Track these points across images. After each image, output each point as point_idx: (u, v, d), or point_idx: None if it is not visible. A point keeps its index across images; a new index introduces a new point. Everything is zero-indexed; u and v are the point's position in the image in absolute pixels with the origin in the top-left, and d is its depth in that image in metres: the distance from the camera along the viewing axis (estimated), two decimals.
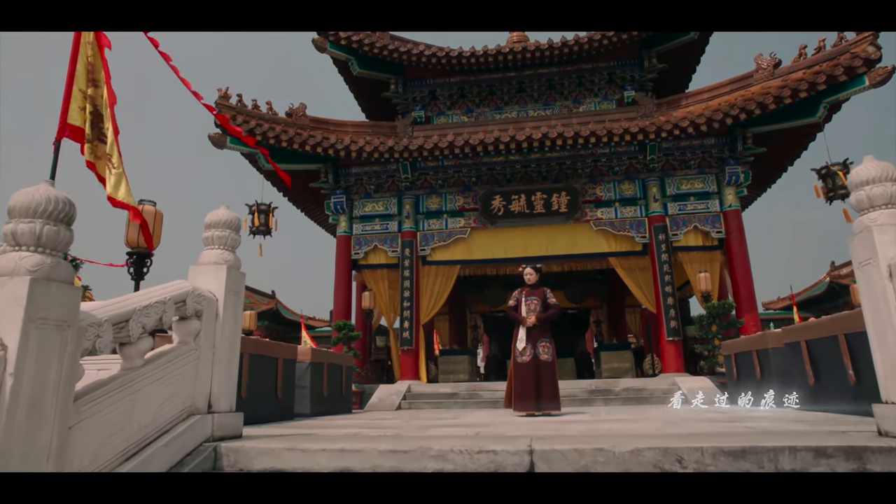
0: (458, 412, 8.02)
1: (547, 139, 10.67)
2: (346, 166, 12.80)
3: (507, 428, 4.61)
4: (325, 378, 7.91)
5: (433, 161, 12.22)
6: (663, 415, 6.00)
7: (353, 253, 12.54)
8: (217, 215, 4.00)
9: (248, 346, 5.98)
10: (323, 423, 5.69)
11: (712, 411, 6.52)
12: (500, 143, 10.89)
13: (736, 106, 10.19)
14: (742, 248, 11.04)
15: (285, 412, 6.74)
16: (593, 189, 11.87)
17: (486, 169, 12.35)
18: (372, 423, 5.72)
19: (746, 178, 11.29)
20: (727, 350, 8.18)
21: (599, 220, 11.68)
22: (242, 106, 11.97)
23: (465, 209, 12.31)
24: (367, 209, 12.76)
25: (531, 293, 6.87)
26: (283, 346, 6.87)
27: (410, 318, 11.78)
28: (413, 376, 11.50)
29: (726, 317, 9.70)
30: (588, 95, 13.00)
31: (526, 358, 6.60)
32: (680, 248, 11.35)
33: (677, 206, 11.49)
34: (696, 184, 11.57)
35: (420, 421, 5.97)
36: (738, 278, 10.92)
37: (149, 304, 3.07)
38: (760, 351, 6.96)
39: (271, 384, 6.48)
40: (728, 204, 11.29)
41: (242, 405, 5.80)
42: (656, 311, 11.14)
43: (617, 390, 9.57)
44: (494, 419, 5.95)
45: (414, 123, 13.10)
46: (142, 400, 2.98)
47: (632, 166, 11.87)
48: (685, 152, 11.63)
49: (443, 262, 12.25)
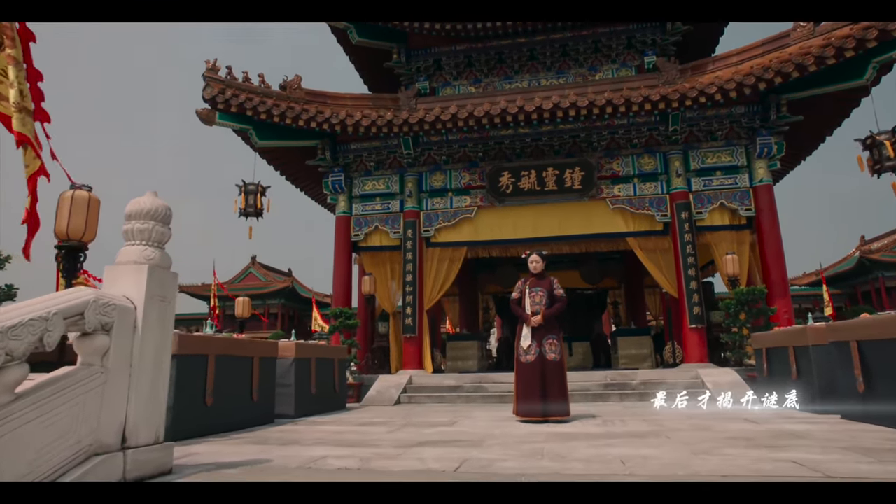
0: (458, 411, 7.34)
1: (558, 109, 9.74)
2: (344, 142, 12.01)
3: (500, 451, 3.89)
4: (313, 374, 7.27)
5: (436, 135, 11.36)
6: (688, 424, 5.23)
7: (352, 234, 11.83)
8: (139, 204, 3.27)
9: (214, 347, 5.33)
10: (297, 432, 5.03)
11: (744, 417, 5.72)
12: (507, 115, 9.99)
13: (770, 69, 9.13)
14: (774, 228, 10.07)
15: (263, 416, 6.12)
16: (610, 164, 10.92)
17: (494, 143, 11.46)
18: (353, 433, 5.04)
19: (779, 150, 10.25)
20: (758, 343, 7.33)
21: (616, 198, 10.77)
22: (232, 79, 11.17)
23: (471, 187, 11.48)
24: (367, 188, 11.99)
25: (536, 284, 6.10)
26: (260, 343, 6.22)
27: (413, 304, 11.08)
28: (416, 365, 10.85)
29: (756, 304, 8.81)
30: (605, 62, 11.94)
31: (531, 357, 5.87)
32: (704, 227, 10.41)
33: (702, 182, 10.51)
34: (723, 157, 10.56)
35: (409, 431, 5.29)
36: (768, 261, 9.97)
37: (18, 322, 2.37)
38: (799, 348, 6.11)
39: (245, 387, 5.84)
40: (758, 178, 10.28)
41: (205, 414, 5.18)
42: (678, 296, 10.27)
43: (634, 384, 8.80)
44: (494, 429, 5.24)
45: (418, 95, 12.22)
46: (8, 447, 2.30)
47: (652, 138, 10.88)
48: (711, 122, 10.60)
49: (448, 243, 11.48)
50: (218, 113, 10.83)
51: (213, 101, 10.71)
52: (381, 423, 6.03)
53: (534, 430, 5.09)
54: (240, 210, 10.92)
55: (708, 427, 4.96)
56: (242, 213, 10.91)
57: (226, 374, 5.49)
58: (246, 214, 10.94)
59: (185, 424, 4.88)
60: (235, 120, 10.91)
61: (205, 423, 5.15)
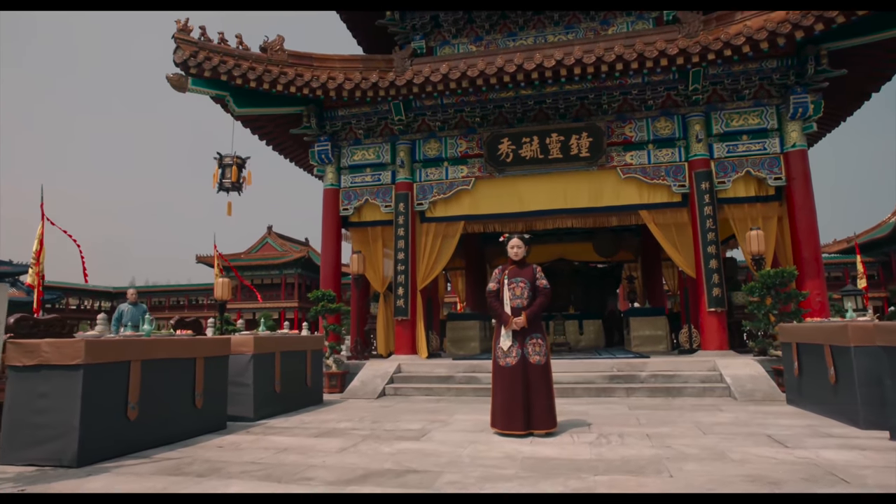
0: (440, 411, 6.55)
1: (562, 67, 8.61)
2: (330, 108, 11.04)
3: (467, 473, 3.06)
4: (278, 371, 6.51)
5: (430, 99, 10.31)
6: (699, 446, 4.33)
7: (341, 209, 10.97)
8: None
9: (138, 351, 4.56)
10: (238, 448, 4.22)
11: (768, 432, 4.81)
12: (503, 75, 8.89)
13: (810, 14, 7.85)
14: (807, 199, 8.91)
15: (211, 423, 5.39)
16: (621, 128, 9.79)
17: (494, 107, 10.38)
18: (299, 452, 4.23)
19: (817, 110, 9.00)
20: (787, 336, 6.34)
21: (628, 166, 9.67)
22: (206, 41, 10.17)
23: (468, 155, 10.46)
24: (356, 158, 11.05)
25: (517, 273, 5.18)
26: (208, 340, 5.44)
27: (405, 284, 10.24)
28: (409, 350, 10.07)
29: (785, 288, 7.75)
30: (619, 14, 10.63)
31: (511, 360, 5.00)
32: (727, 199, 9.28)
33: (725, 148, 9.34)
34: (750, 119, 9.35)
35: (366, 448, 4.49)
36: (800, 236, 8.85)
37: None
38: (837, 348, 5.13)
39: (185, 392, 5.09)
40: (791, 143, 9.07)
41: (127, 430, 4.43)
42: (696, 275, 9.24)
43: (643, 376, 7.89)
44: (466, 446, 4.40)
45: (414, 56, 11.09)
46: None
47: (670, 99, 9.69)
48: (738, 79, 9.35)
49: (443, 218, 10.54)
50: (190, 79, 9.90)
51: (184, 66, 9.76)
52: (342, 434, 5.25)
53: (509, 452, 4.25)
54: (218, 185, 10.10)
55: (723, 454, 4.05)
56: (220, 188, 10.08)
57: (157, 380, 4.74)
58: (224, 189, 10.10)
59: (98, 444, 4.16)
60: (210, 86, 9.97)
61: (127, 440, 4.42)
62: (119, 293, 67.10)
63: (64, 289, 60.14)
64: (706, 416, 5.74)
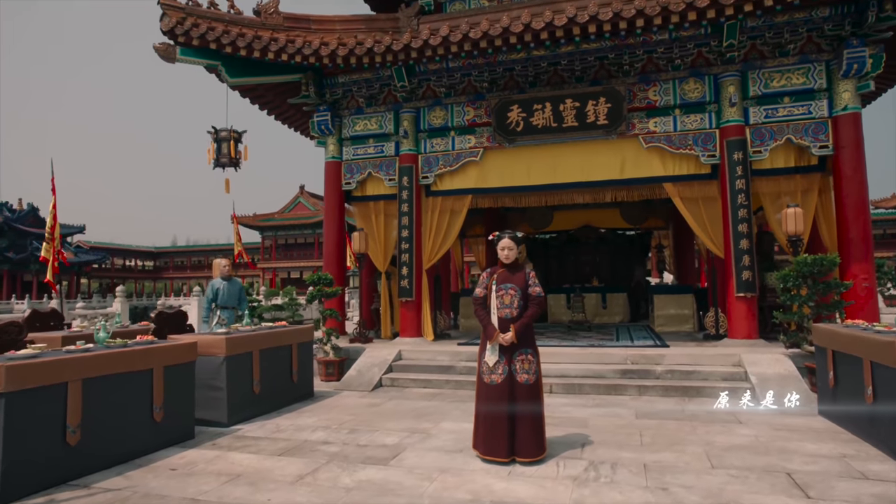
0: (428, 416, 6.08)
1: (574, 25, 7.62)
2: (330, 75, 10.33)
3: None
4: (257, 369, 6.13)
5: (433, 63, 9.48)
6: (709, 481, 3.71)
7: (343, 182, 10.39)
8: None
9: (76, 370, 4.18)
10: (187, 473, 3.73)
11: (801, 460, 4.13)
12: (510, 35, 7.96)
13: None
14: (858, 170, 7.81)
15: (174, 435, 5.04)
16: (644, 91, 8.77)
17: (504, 70, 9.46)
18: (247, 483, 3.81)
19: (876, 66, 7.78)
20: (821, 339, 5.53)
21: (652, 134, 8.70)
22: (195, 5, 9.52)
23: (476, 124, 9.65)
24: (358, 128, 10.38)
25: (507, 279, 4.53)
26: (169, 347, 5.03)
27: (410, 263, 9.70)
28: (415, 333, 9.62)
29: (825, 277, 6.84)
30: None
31: (496, 377, 4.43)
32: (763, 171, 8.27)
33: (763, 112, 8.25)
34: (794, 78, 8.19)
35: (325, 477, 4.03)
36: (847, 213, 7.81)
37: None
38: (879, 365, 4.34)
39: (142, 405, 4.73)
40: (842, 105, 7.91)
41: (70, 455, 4.09)
42: (724, 256, 8.37)
43: (658, 371, 7.22)
44: (440, 473, 3.90)
45: (421, 13, 10.17)
46: None
47: (700, 56, 8.58)
48: (782, 32, 8.16)
49: (450, 191, 9.85)
50: (178, 48, 9.31)
51: (171, 34, 9.14)
52: (310, 451, 4.82)
53: (478, 491, 3.73)
54: (214, 161, 9.61)
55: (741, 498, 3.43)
56: (216, 163, 9.60)
57: (105, 398, 4.37)
58: (220, 165, 9.62)
59: (26, 478, 3.82)
60: (200, 55, 9.36)
61: (67, 466, 4.09)
62: (161, 253, 69.35)
63: (109, 249, 62.33)
64: (721, 434, 5.08)
